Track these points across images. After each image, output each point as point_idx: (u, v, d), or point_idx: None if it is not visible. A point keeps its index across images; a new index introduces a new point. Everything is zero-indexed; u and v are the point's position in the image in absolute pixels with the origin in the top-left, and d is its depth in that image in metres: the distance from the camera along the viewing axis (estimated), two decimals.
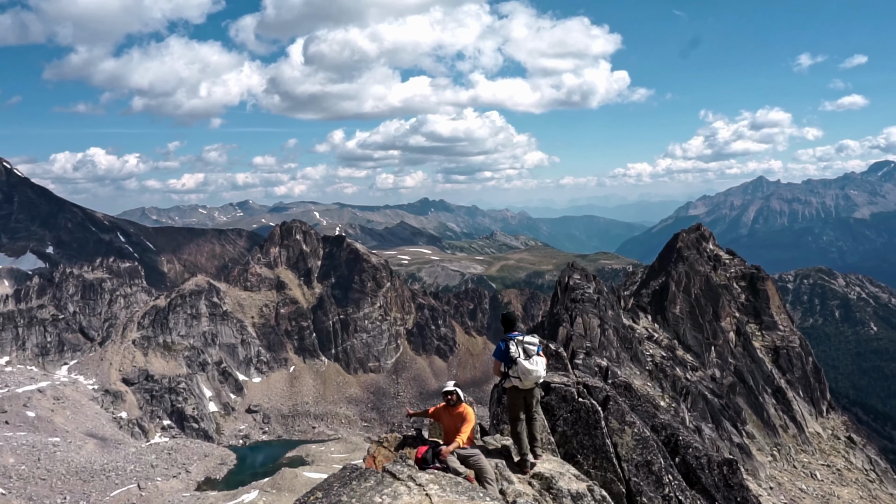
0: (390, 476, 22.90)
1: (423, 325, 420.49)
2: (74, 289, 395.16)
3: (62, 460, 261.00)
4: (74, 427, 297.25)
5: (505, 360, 29.70)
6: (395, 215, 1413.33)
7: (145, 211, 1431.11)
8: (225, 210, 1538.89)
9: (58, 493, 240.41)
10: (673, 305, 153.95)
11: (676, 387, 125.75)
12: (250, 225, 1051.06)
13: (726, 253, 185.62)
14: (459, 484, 23.06)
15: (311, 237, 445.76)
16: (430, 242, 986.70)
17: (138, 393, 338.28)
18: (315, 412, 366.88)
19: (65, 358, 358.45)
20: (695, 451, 43.76)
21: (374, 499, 20.97)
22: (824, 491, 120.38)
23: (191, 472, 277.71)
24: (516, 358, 29.50)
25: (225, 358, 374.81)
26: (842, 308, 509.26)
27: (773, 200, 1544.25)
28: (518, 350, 29.55)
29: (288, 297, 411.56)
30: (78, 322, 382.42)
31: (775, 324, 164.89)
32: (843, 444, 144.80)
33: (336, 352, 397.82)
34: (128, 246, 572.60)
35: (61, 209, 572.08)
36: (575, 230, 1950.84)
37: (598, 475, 34.19)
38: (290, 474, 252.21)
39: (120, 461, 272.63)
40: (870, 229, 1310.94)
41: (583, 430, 35.52)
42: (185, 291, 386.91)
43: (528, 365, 29.39)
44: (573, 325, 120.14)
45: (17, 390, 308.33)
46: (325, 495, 21.81)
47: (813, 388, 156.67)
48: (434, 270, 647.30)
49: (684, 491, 36.75)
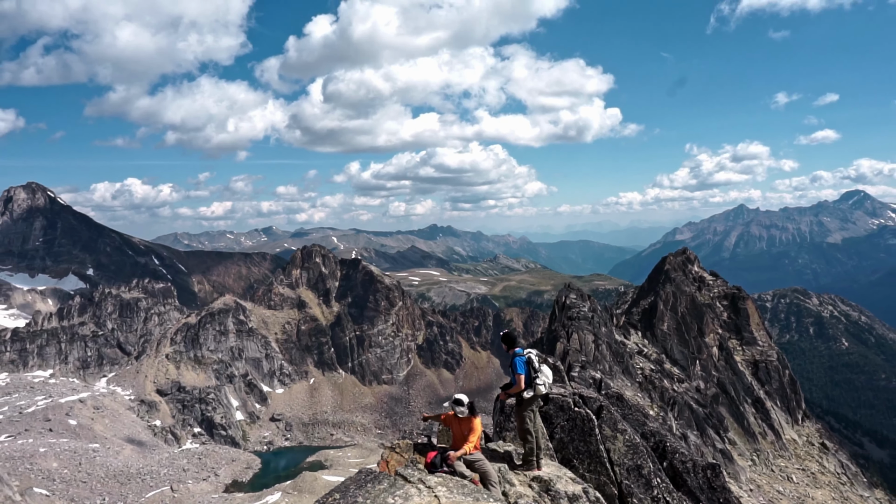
0: (402, 479, 22.94)
1: (433, 340, 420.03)
2: (112, 307, 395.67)
3: (101, 465, 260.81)
4: (112, 434, 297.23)
5: (529, 372, 30.02)
6: (406, 240, 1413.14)
7: (177, 236, 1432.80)
8: (250, 235, 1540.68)
9: (97, 495, 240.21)
10: (661, 323, 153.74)
11: (664, 397, 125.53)
12: (274, 249, 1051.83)
13: (710, 275, 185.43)
14: (466, 486, 23.10)
15: (329, 260, 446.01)
16: (439, 265, 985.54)
17: (171, 403, 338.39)
18: (333, 420, 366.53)
19: (104, 371, 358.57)
20: (681, 457, 43.76)
21: (388, 500, 21.02)
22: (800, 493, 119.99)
23: (219, 476, 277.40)
24: (539, 366, 29.94)
25: (250, 371, 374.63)
26: (816, 325, 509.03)
27: (753, 226, 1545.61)
28: (536, 361, 30.03)
29: (308, 315, 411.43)
30: (116, 338, 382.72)
31: (755, 339, 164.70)
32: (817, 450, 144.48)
33: (352, 365, 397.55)
34: (161, 268, 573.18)
35: (100, 234, 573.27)
36: (571, 254, 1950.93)
37: (592, 478, 34.17)
38: (311, 477, 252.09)
39: (154, 465, 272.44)
40: (841, 253, 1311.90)
41: (578, 437, 35.52)
42: (213, 310, 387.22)
43: (549, 371, 30.07)
44: (570, 340, 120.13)
45: (60, 400, 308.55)
46: (342, 496, 21.84)
47: (789, 399, 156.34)
48: (442, 290, 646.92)
49: (671, 493, 36.67)
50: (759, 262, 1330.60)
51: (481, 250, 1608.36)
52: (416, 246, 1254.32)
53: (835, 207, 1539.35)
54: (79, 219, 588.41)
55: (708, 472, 43.65)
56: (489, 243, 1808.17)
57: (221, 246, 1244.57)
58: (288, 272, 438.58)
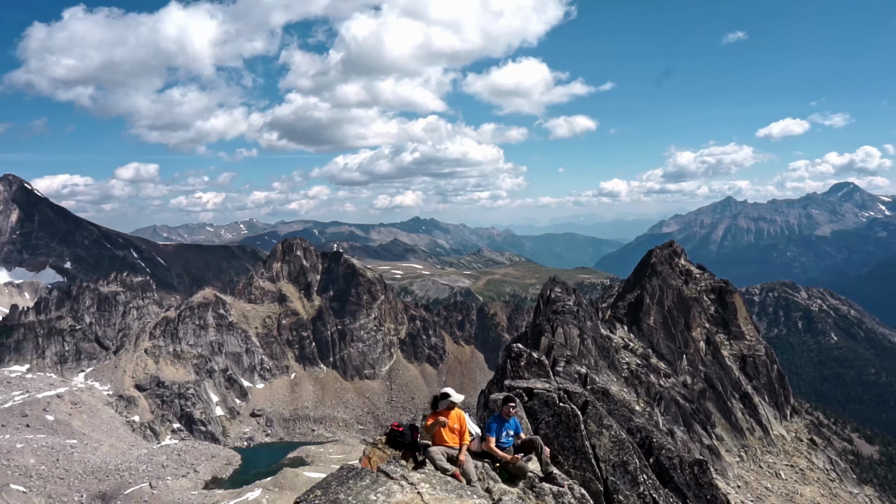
0: (384, 475, 22.88)
1: (415, 335, 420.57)
2: (91, 301, 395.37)
3: (79, 461, 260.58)
4: (91, 430, 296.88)
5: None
6: (389, 233, 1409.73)
7: (156, 229, 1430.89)
8: (231, 228, 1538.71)
9: (75, 492, 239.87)
10: (647, 317, 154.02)
11: (650, 392, 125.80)
12: (254, 242, 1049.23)
13: (697, 268, 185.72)
14: (449, 483, 23.06)
15: (310, 253, 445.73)
16: (422, 258, 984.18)
17: (150, 398, 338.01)
18: (314, 416, 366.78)
19: (81, 366, 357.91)
20: (667, 453, 43.78)
21: (370, 496, 20.96)
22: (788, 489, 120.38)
23: (199, 472, 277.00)
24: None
25: (230, 365, 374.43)
26: (804, 319, 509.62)
27: (741, 219, 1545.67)
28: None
29: (289, 309, 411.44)
30: (94, 332, 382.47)
31: (742, 334, 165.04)
32: (806, 446, 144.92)
33: (334, 360, 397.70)
34: (140, 261, 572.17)
35: (78, 227, 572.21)
36: (556, 247, 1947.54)
37: (577, 475, 34.14)
38: (292, 474, 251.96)
39: (133, 461, 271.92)
40: (830, 246, 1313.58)
41: (563, 433, 35.48)
42: (193, 304, 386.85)
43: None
44: (554, 334, 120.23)
45: (37, 396, 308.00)
46: (323, 493, 21.78)
47: (777, 394, 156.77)
48: (425, 284, 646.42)
49: (658, 489, 36.72)
50: (746, 256, 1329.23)
51: (465, 243, 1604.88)
52: (399, 239, 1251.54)
53: (824, 200, 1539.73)
54: (56, 211, 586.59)
55: (695, 468, 43.69)
56: (473, 236, 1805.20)
57: (201, 239, 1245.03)
58: (269, 265, 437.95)
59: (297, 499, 22.26)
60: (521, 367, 45.42)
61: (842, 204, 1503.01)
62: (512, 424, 29.78)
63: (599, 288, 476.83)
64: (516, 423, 30.09)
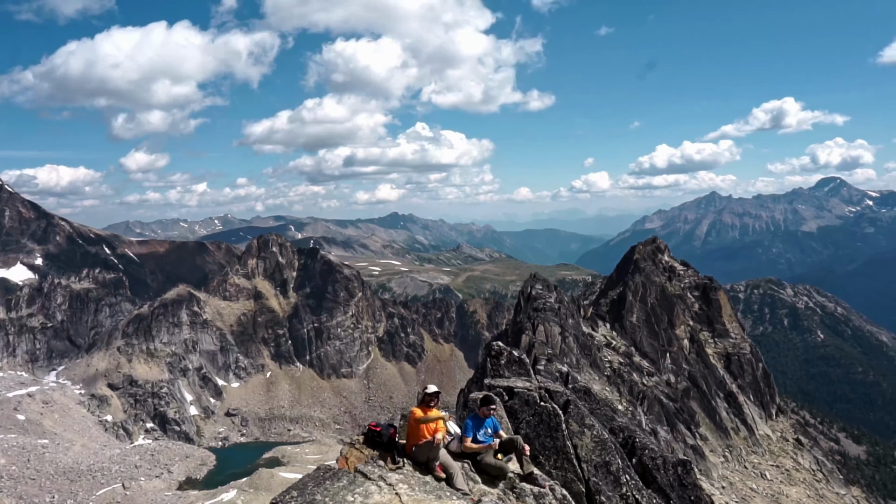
0: (362, 476, 22.99)
1: (393, 332, 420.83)
2: (62, 299, 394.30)
3: (51, 461, 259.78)
4: (62, 429, 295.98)
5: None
6: (366, 229, 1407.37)
7: (129, 224, 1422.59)
8: (205, 224, 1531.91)
9: (46, 493, 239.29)
10: (630, 314, 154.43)
11: (633, 391, 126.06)
12: (229, 238, 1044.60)
13: (680, 264, 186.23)
14: (428, 483, 23.21)
15: (286, 249, 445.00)
16: (400, 254, 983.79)
17: (123, 397, 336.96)
18: (290, 415, 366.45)
19: (53, 364, 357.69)
20: (651, 453, 43.98)
21: (347, 497, 21.06)
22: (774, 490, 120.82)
23: (173, 473, 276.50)
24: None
25: (205, 364, 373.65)
26: (790, 317, 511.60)
27: (725, 214, 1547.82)
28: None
29: (265, 307, 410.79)
30: (66, 330, 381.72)
31: (727, 332, 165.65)
32: (792, 446, 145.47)
33: (310, 358, 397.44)
34: (113, 258, 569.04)
35: (50, 223, 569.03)
36: (537, 243, 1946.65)
37: (559, 475, 34.27)
38: (267, 474, 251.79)
39: (105, 462, 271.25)
40: (816, 242, 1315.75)
41: (545, 433, 35.60)
42: (167, 301, 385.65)
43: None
44: (535, 332, 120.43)
45: (7, 395, 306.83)
46: (300, 494, 21.87)
47: (763, 393, 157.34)
48: (403, 281, 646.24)
49: (641, 490, 36.87)
50: (731, 252, 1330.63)
51: (444, 239, 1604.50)
52: (377, 235, 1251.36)
53: (810, 195, 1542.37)
54: (27, 206, 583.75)
55: (678, 468, 43.88)
56: (452, 232, 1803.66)
57: (175, 235, 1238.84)
58: (244, 262, 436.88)
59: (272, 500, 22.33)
60: (501, 366, 45.59)
61: (828, 199, 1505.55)
62: (489, 423, 29.90)
63: (581, 285, 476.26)
64: (494, 422, 30.20)
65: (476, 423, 29.67)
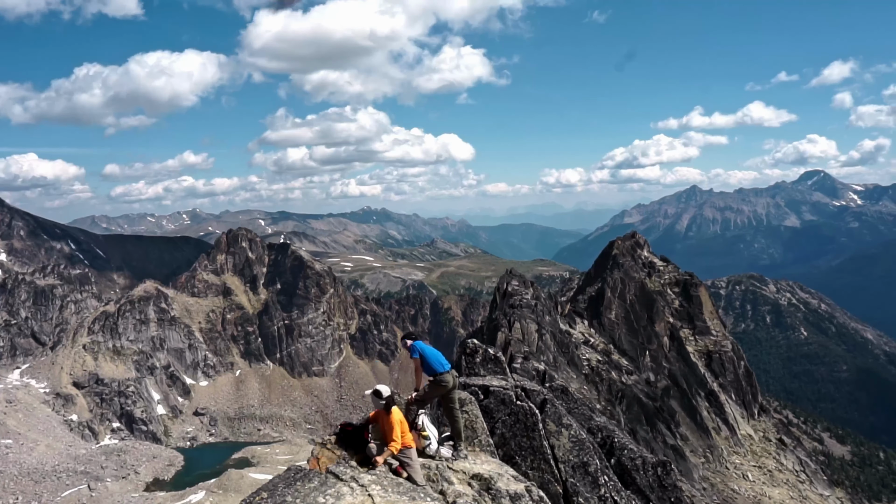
0: (334, 477, 23.01)
1: (366, 330, 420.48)
2: (26, 295, 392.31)
3: (14, 462, 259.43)
4: (26, 429, 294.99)
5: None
6: (338, 223, 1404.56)
7: (95, 219, 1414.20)
8: (173, 218, 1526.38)
9: (10, 494, 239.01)
10: (608, 311, 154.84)
11: (612, 390, 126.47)
12: (197, 233, 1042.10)
13: (660, 260, 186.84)
14: (402, 485, 23.24)
15: (256, 245, 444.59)
16: (372, 250, 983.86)
17: (88, 396, 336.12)
18: (260, 415, 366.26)
19: (17, 362, 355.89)
20: (630, 453, 44.12)
21: (318, 499, 21.08)
22: (756, 491, 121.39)
23: (140, 474, 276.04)
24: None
25: (173, 362, 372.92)
26: (773, 313, 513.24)
27: (706, 209, 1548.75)
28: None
29: (234, 303, 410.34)
30: (30, 327, 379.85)
31: (708, 329, 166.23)
32: (774, 446, 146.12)
33: (281, 356, 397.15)
34: (78, 253, 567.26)
35: (13, 217, 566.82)
36: (513, 238, 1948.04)
37: (536, 476, 34.31)
38: (237, 475, 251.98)
39: (70, 462, 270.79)
40: (800, 237, 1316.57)
41: (521, 433, 35.62)
42: (134, 297, 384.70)
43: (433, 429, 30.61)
44: (511, 330, 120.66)
45: None
46: (270, 496, 21.89)
47: (745, 392, 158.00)
48: (376, 277, 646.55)
49: (619, 491, 36.97)
50: (712, 247, 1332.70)
51: (418, 234, 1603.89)
52: (349, 229, 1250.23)
53: (793, 188, 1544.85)
54: None
55: (658, 469, 44.02)
56: (426, 227, 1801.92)
57: (142, 230, 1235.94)
58: (212, 257, 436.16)
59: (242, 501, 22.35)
60: (476, 364, 45.59)
61: (812, 193, 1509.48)
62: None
63: (558, 281, 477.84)
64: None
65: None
